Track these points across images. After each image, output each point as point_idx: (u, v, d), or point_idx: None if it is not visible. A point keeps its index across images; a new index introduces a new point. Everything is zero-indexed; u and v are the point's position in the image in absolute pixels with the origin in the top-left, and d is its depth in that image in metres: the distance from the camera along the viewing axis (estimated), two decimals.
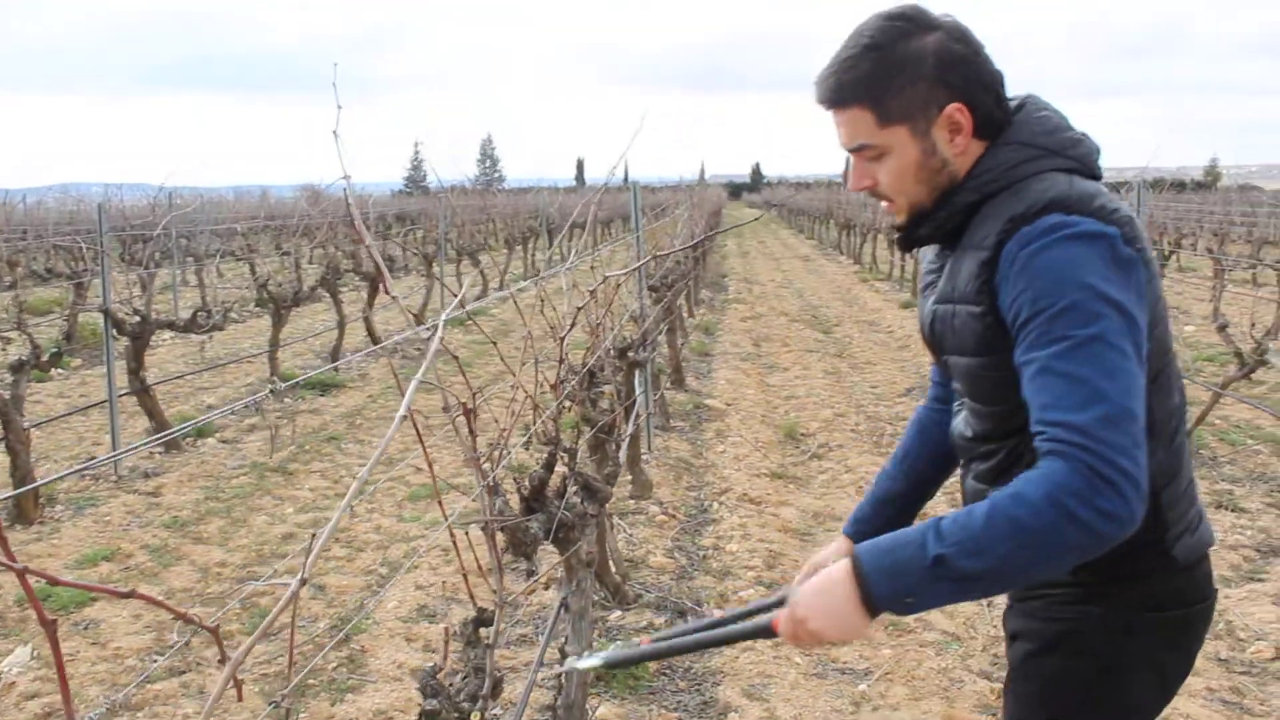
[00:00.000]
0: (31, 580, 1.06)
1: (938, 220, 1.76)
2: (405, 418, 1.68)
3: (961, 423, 1.90)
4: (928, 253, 1.92)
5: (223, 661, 1.42)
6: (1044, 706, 1.84)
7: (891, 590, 1.49)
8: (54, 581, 1.12)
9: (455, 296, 2.00)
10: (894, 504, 2.12)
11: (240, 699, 3.73)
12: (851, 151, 1.77)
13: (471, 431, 2.13)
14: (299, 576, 1.35)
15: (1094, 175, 1.73)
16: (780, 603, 1.67)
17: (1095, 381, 1.48)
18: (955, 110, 1.70)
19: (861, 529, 2.10)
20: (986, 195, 1.70)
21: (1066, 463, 1.44)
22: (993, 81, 1.73)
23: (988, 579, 1.47)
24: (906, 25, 1.70)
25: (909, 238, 1.82)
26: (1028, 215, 1.61)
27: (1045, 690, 1.83)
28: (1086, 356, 1.49)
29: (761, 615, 1.68)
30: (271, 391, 3.73)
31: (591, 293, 2.71)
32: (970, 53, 1.71)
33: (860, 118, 1.72)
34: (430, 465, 2.06)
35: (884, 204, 1.82)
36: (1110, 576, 1.74)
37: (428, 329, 2.11)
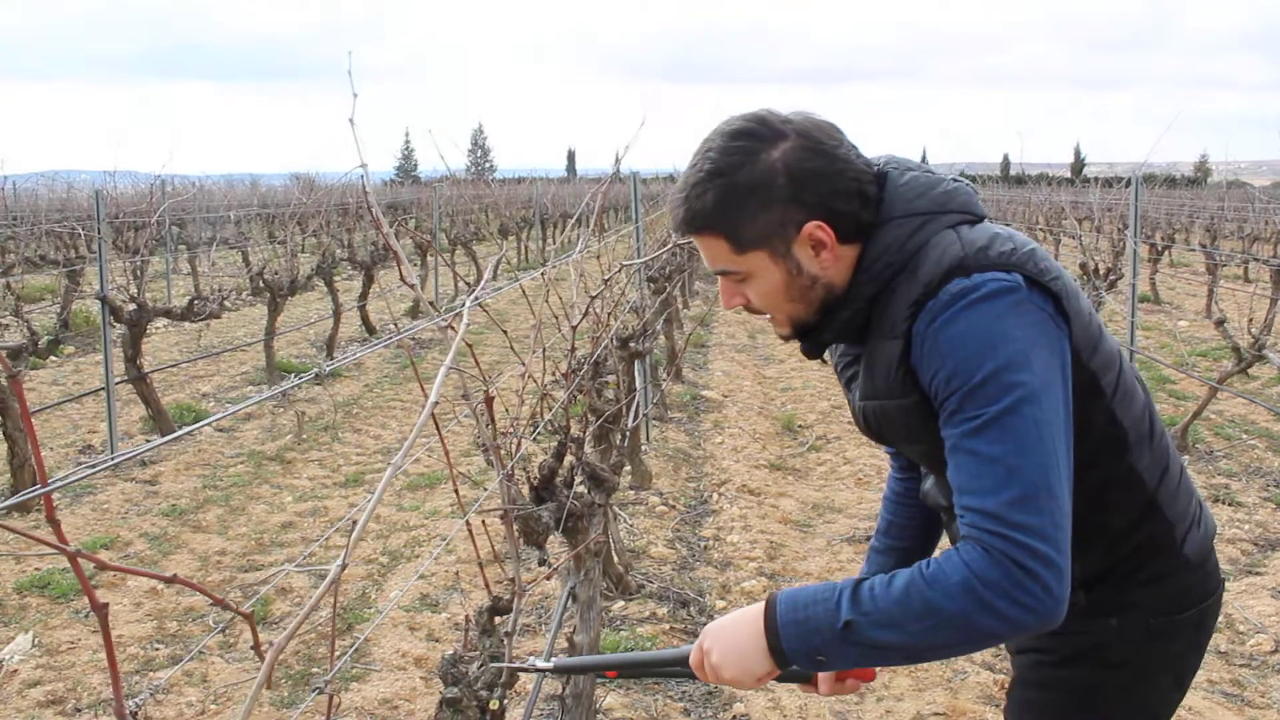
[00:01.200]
0: (30, 570, 1.06)
1: (839, 324, 1.67)
2: (435, 404, 1.67)
3: (933, 489, 1.86)
4: (837, 348, 1.85)
5: (256, 648, 1.42)
6: (1061, 715, 1.82)
7: (801, 646, 1.50)
8: (101, 565, 1.12)
9: (456, 285, 1.99)
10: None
11: (270, 687, 3.73)
12: (716, 274, 1.70)
13: (491, 420, 2.13)
14: (339, 562, 1.35)
15: (980, 218, 1.65)
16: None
17: (1008, 460, 1.43)
18: (815, 229, 1.59)
19: None
20: (884, 283, 1.61)
21: (986, 554, 1.41)
22: (855, 183, 1.60)
23: (899, 651, 1.47)
24: (751, 144, 1.59)
25: (813, 347, 1.74)
26: (929, 290, 1.53)
27: (1065, 700, 1.80)
28: (999, 434, 1.44)
29: (683, 646, 1.68)
30: (317, 375, 3.71)
31: (606, 282, 2.70)
32: (824, 163, 1.59)
33: (715, 244, 1.63)
34: (448, 455, 2.05)
35: (766, 317, 1.74)
36: (1129, 585, 1.72)
37: (444, 318, 2.11)
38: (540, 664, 1.90)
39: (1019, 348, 1.47)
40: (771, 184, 1.57)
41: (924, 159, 1.98)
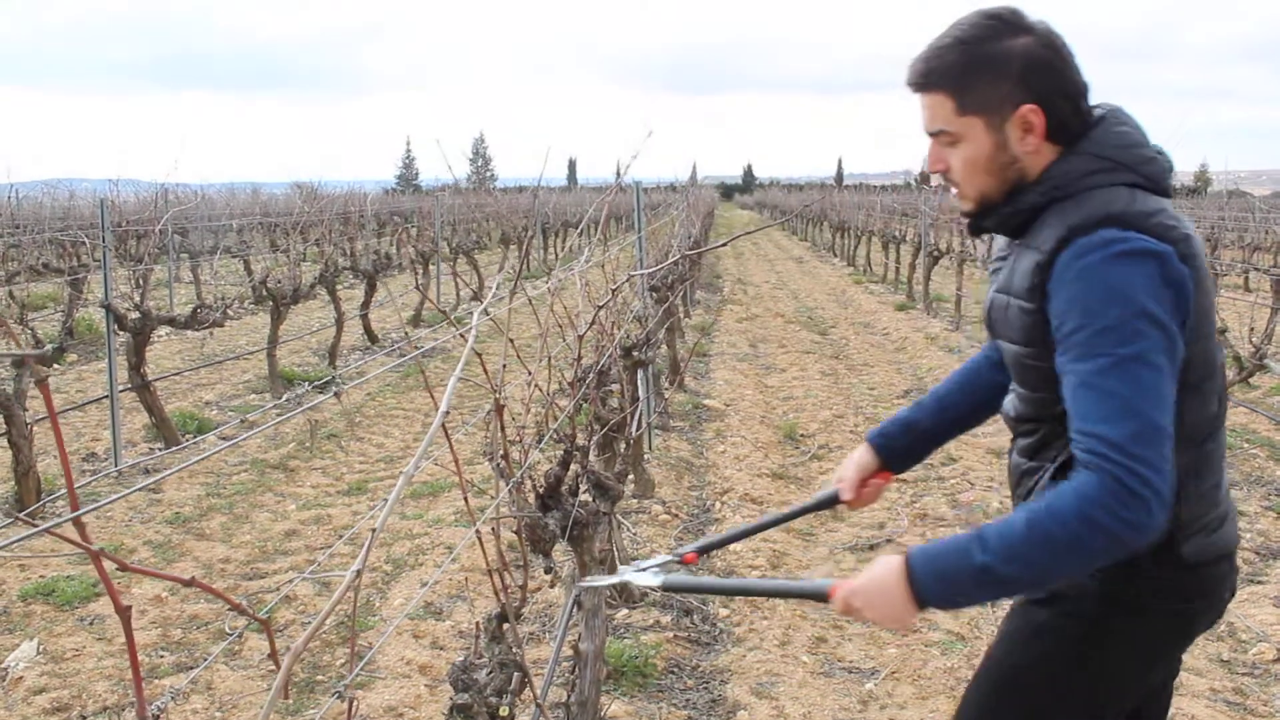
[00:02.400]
0: (35, 578, 1.08)
1: (1003, 215, 1.87)
2: (446, 414, 1.69)
3: (1008, 403, 2.02)
4: (1000, 241, 2.02)
5: (273, 655, 1.44)
6: (1024, 650, 1.97)
7: (943, 593, 1.69)
8: (124, 566, 1.14)
9: (458, 294, 2.01)
10: (919, 433, 2.26)
11: (287, 697, 3.75)
12: (930, 135, 1.90)
13: (502, 428, 2.15)
14: (354, 567, 1.37)
15: (1163, 192, 1.81)
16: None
17: (1131, 399, 1.60)
18: (1029, 111, 1.80)
19: (886, 442, 2.26)
20: (1053, 199, 1.79)
21: (1098, 475, 1.59)
22: (1074, 91, 1.82)
23: (1028, 581, 1.67)
24: (999, 25, 1.81)
25: (976, 225, 1.95)
26: (1085, 226, 1.70)
27: (1029, 636, 1.96)
28: (1125, 374, 1.61)
29: (817, 580, 1.90)
30: (335, 394, 3.73)
31: (614, 291, 2.73)
32: (1056, 60, 1.81)
33: (941, 103, 1.84)
34: (458, 463, 2.07)
35: (952, 191, 1.94)
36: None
37: (460, 329, 2.13)
38: (640, 579, 2.05)
39: (1151, 303, 1.64)
40: (1008, 62, 1.80)
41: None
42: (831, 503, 2.33)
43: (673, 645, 4.53)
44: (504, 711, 2.11)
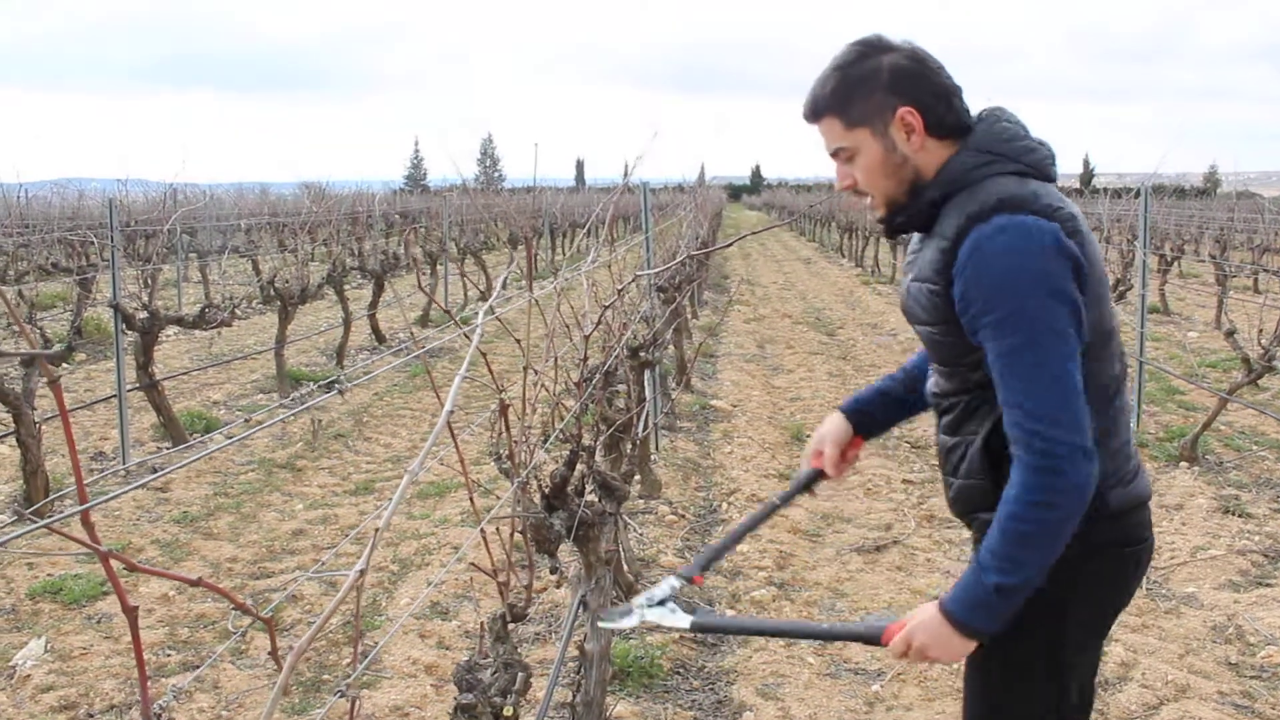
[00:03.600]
0: (43, 576, 1.08)
1: (910, 212, 2.08)
2: (450, 412, 1.69)
3: (930, 383, 2.23)
4: (913, 240, 2.20)
5: (274, 654, 1.44)
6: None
7: (986, 619, 1.89)
8: (132, 567, 1.14)
9: (465, 294, 2.01)
10: (891, 401, 2.46)
11: (288, 694, 3.75)
12: (832, 156, 2.13)
13: (507, 428, 2.15)
14: (358, 566, 1.37)
15: (1047, 178, 2.02)
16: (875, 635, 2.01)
17: (1044, 371, 1.84)
18: (906, 112, 2.02)
19: (860, 408, 2.46)
20: (948, 194, 2.01)
21: (1028, 459, 1.84)
22: (944, 91, 2.04)
23: (1036, 570, 1.86)
24: (866, 49, 2.06)
25: (890, 226, 2.15)
26: (981, 213, 1.91)
27: None
28: (1037, 349, 1.84)
29: (871, 623, 2.03)
30: (339, 391, 3.73)
31: (620, 292, 2.72)
32: (921, 67, 2.04)
33: (831, 125, 2.08)
34: (463, 462, 2.07)
35: (866, 201, 2.15)
36: None
37: (465, 329, 2.13)
38: (665, 620, 2.17)
39: (1047, 278, 1.85)
40: (877, 74, 2.03)
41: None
42: (815, 480, 2.44)
43: (679, 646, 4.53)
44: (509, 711, 2.11)
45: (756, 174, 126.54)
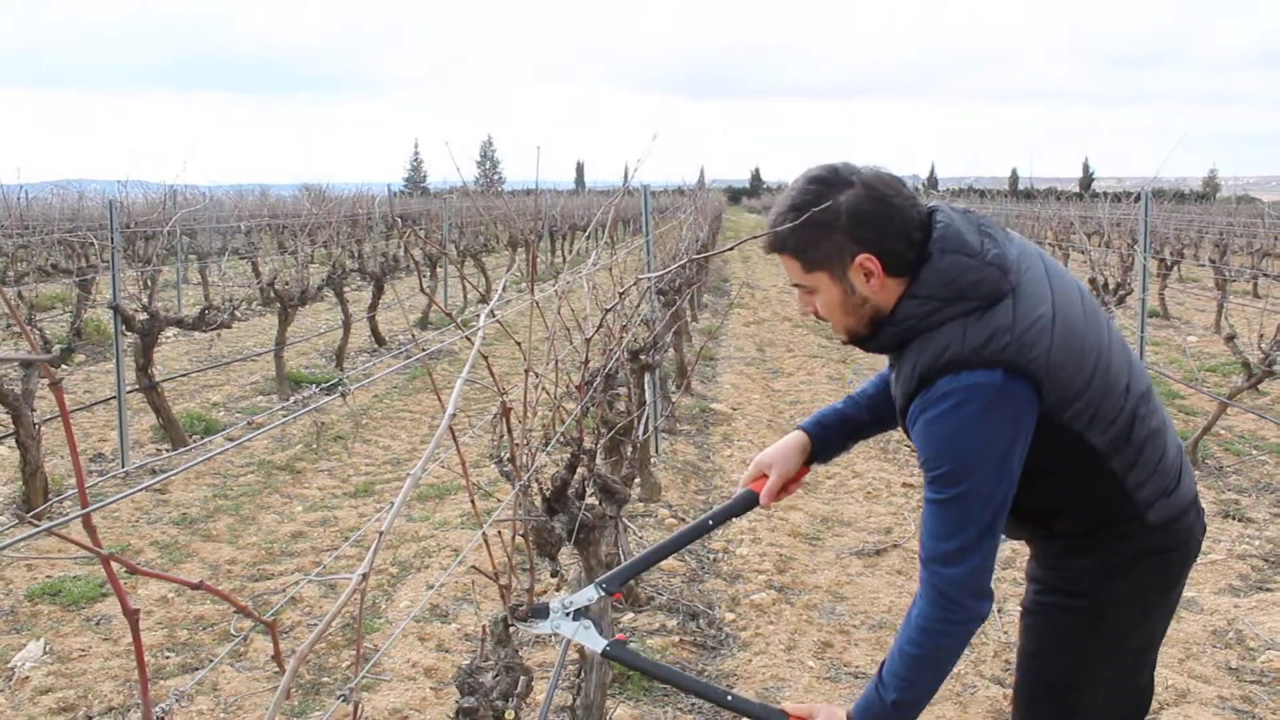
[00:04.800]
0: (42, 578, 1.07)
1: (873, 343, 2.14)
2: (453, 416, 1.69)
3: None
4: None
5: (278, 658, 1.44)
6: (1048, 633, 2.26)
7: None
8: (133, 569, 1.13)
9: (465, 296, 2.01)
10: (852, 427, 2.49)
11: (290, 699, 3.74)
12: (793, 285, 2.15)
13: (509, 431, 2.15)
14: (360, 570, 1.36)
15: (997, 300, 2.00)
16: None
17: (955, 523, 1.97)
18: (864, 259, 2.02)
19: (823, 432, 2.47)
20: (906, 339, 2.06)
21: (926, 592, 1.99)
22: (903, 229, 2.02)
23: (927, 689, 2.03)
24: (822, 188, 2.02)
25: (861, 347, 2.20)
26: (929, 376, 1.98)
27: (1049, 621, 2.25)
28: (955, 504, 1.96)
29: (773, 707, 2.11)
30: (342, 394, 3.73)
31: (622, 295, 2.72)
32: (880, 207, 2.01)
33: (790, 263, 2.10)
34: (464, 465, 2.07)
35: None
36: (1099, 539, 2.15)
37: (465, 331, 2.12)
38: (588, 641, 2.17)
39: (983, 442, 1.95)
40: (835, 219, 2.01)
41: (932, 174, 2.27)
42: (748, 507, 2.41)
43: (679, 649, 4.52)
44: (510, 715, 2.10)
45: (756, 177, 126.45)
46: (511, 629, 2.31)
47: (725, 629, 4.78)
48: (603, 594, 2.23)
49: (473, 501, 2.10)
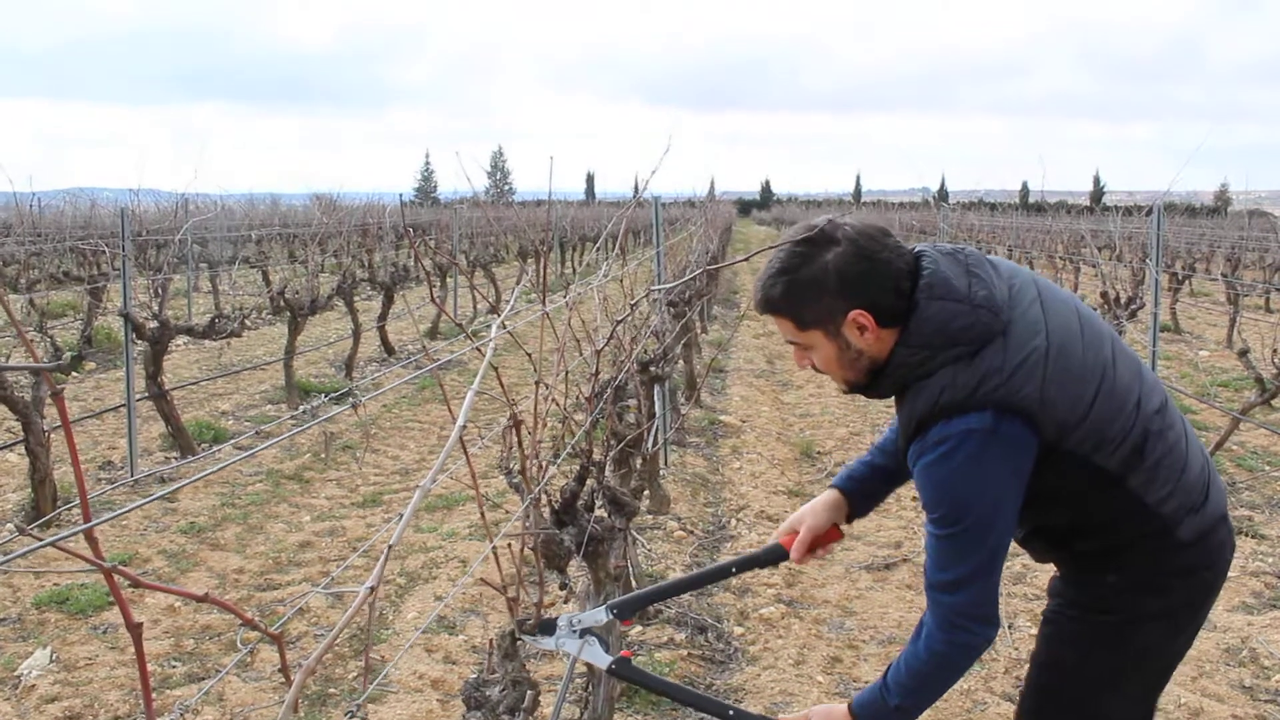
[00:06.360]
0: (49, 586, 1.06)
1: (878, 390, 2.20)
2: (464, 427, 1.67)
3: None
4: None
5: (285, 670, 1.42)
6: (1071, 644, 2.28)
7: None
8: (136, 582, 1.12)
9: (475, 307, 1.99)
10: (882, 477, 2.51)
11: (297, 710, 3.71)
12: (788, 343, 2.22)
13: (519, 443, 2.13)
14: (368, 584, 1.34)
15: (987, 341, 2.04)
16: None
17: (955, 556, 2.05)
18: (858, 315, 2.07)
19: (858, 487, 2.51)
20: (902, 386, 2.12)
21: (934, 616, 2.08)
22: (892, 280, 2.07)
23: (926, 701, 2.14)
24: (809, 250, 2.09)
25: (862, 394, 2.25)
26: (923, 424, 2.05)
27: (1074, 632, 2.27)
28: (953, 541, 2.05)
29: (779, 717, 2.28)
30: (353, 405, 3.73)
31: (633, 306, 2.71)
32: (868, 264, 2.06)
33: (784, 324, 2.16)
34: (474, 477, 2.05)
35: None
36: (1127, 555, 2.17)
37: (476, 342, 2.11)
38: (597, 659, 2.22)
39: (973, 493, 2.02)
40: (825, 280, 2.07)
41: (943, 186, 2.29)
42: (775, 560, 2.46)
43: (687, 663, 4.49)
44: None
45: (766, 189, 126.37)
46: (519, 643, 2.29)
47: (734, 643, 4.75)
48: (612, 618, 2.26)
49: (482, 514, 2.08)
